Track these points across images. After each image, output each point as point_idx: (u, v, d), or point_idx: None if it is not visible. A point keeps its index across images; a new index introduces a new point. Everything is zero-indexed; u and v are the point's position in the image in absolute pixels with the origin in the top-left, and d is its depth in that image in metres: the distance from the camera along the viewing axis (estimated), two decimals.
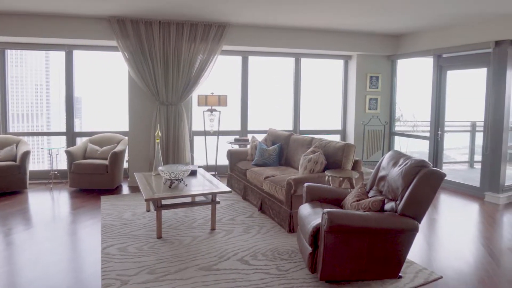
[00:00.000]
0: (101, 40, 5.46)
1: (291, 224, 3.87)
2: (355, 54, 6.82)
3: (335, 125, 7.28)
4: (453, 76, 6.20)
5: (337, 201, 3.41)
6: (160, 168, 4.01)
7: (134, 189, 5.50)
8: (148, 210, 4.49)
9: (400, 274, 2.96)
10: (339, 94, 7.22)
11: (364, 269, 2.82)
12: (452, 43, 5.76)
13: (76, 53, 6.08)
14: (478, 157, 6.25)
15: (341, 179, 4.00)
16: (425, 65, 6.60)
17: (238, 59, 6.58)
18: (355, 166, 4.29)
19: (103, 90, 6.54)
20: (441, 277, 3.00)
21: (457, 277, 3.03)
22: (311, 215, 3.07)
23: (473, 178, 5.83)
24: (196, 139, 6.43)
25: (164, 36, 5.51)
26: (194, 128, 6.39)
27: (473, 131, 7.63)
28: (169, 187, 3.91)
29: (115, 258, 3.23)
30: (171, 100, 5.69)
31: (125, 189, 5.60)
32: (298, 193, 3.84)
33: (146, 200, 3.66)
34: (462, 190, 5.77)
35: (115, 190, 5.49)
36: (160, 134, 4.76)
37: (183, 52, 5.59)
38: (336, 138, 7.24)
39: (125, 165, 5.99)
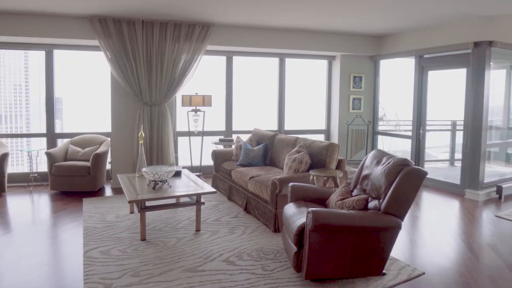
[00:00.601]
0: (83, 39, 5.36)
1: (276, 224, 3.88)
2: (338, 54, 6.89)
3: (320, 125, 7.33)
4: (434, 76, 6.33)
5: (322, 200, 3.44)
6: (143, 169, 3.96)
7: (117, 191, 5.41)
8: (131, 212, 4.42)
9: (384, 271, 3.00)
10: (323, 94, 7.28)
11: (348, 267, 2.85)
12: (433, 44, 5.87)
13: (57, 53, 5.94)
14: (458, 155, 6.38)
15: (325, 178, 4.03)
16: (407, 65, 6.71)
17: (223, 59, 6.56)
18: (339, 165, 4.33)
19: (85, 90, 6.42)
20: (424, 273, 3.06)
21: (438, 272, 3.09)
22: (296, 215, 3.09)
23: (454, 175, 5.96)
24: (181, 139, 6.38)
25: (147, 36, 5.45)
26: (178, 129, 6.34)
27: (453, 130, 7.79)
28: (153, 188, 3.86)
29: (97, 261, 3.17)
30: (155, 101, 5.62)
31: (108, 191, 5.50)
32: (283, 192, 3.85)
33: (129, 202, 3.60)
34: (443, 188, 5.89)
35: (97, 192, 5.39)
36: (143, 135, 4.70)
37: (166, 52, 5.53)
38: (321, 137, 7.29)
39: (108, 166, 5.89)
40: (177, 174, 4.44)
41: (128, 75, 5.46)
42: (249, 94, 7.02)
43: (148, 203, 3.72)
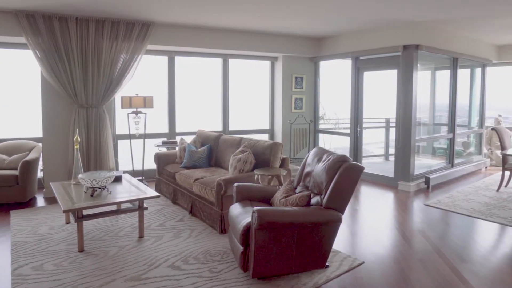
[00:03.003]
0: (7, 36, 4.89)
1: (222, 225, 3.86)
2: (280, 55, 7.04)
3: (264, 125, 7.44)
4: (369, 77, 6.72)
5: (267, 199, 3.49)
6: (80, 176, 3.73)
7: (51, 200, 5.04)
8: (67, 222, 4.14)
9: (327, 264, 3.12)
10: (267, 94, 7.40)
11: (293, 262, 2.92)
12: (367, 47, 6.24)
13: None
14: (392, 150, 6.85)
15: (270, 177, 4.10)
16: (344, 66, 7.06)
17: (164, 59, 6.39)
18: (283, 163, 4.43)
19: (11, 92, 5.88)
20: (363, 262, 3.23)
21: (376, 260, 3.29)
22: (241, 215, 3.10)
23: (388, 169, 6.38)
24: (121, 143, 6.09)
25: (82, 34, 5.12)
26: (118, 132, 6.05)
27: (387, 127, 8.37)
28: (91, 195, 3.65)
29: (29, 278, 2.92)
30: (92, 103, 5.32)
31: (40, 201, 5.10)
32: (229, 193, 3.85)
33: (64, 211, 3.36)
34: (379, 181, 6.29)
35: (28, 203, 4.96)
36: (79, 139, 4.42)
37: (103, 51, 5.26)
38: (265, 137, 7.40)
39: (40, 174, 5.46)
40: (118, 179, 4.24)
41: (61, 75, 5.09)
42: (193, 95, 6.92)
43: (86, 212, 3.51)
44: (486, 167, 7.57)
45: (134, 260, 3.23)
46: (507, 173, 5.81)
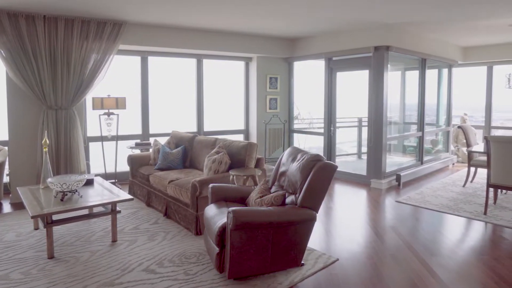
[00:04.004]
0: None
1: (198, 227, 3.84)
2: (255, 56, 7.06)
3: (239, 125, 7.44)
4: (342, 77, 6.86)
5: (242, 199, 3.49)
6: (49, 180, 3.60)
7: (18, 206, 4.84)
8: (36, 228, 3.99)
9: (302, 262, 3.16)
10: (241, 94, 7.40)
11: (269, 262, 2.93)
12: (340, 48, 6.35)
13: None
14: (364, 149, 7.01)
15: (245, 177, 4.11)
16: (318, 67, 7.16)
17: (137, 59, 6.28)
18: (258, 163, 4.44)
19: None
20: (338, 260, 3.30)
21: (350, 257, 3.36)
22: (217, 215, 3.09)
23: (361, 167, 6.53)
24: (92, 145, 5.93)
25: (50, 33, 4.95)
26: (90, 134, 5.89)
27: (360, 126, 8.56)
28: (61, 200, 3.53)
29: None
30: (61, 104, 5.15)
31: (6, 207, 4.88)
32: (204, 194, 3.82)
33: (32, 217, 3.23)
34: (353, 179, 6.42)
35: None
36: (48, 142, 4.27)
37: (73, 51, 5.10)
38: (240, 137, 7.41)
39: (6, 179, 5.23)
40: (89, 182, 4.13)
41: (28, 76, 4.90)
42: (167, 96, 6.83)
43: (56, 217, 3.39)
44: (453, 164, 7.88)
45: (107, 265, 3.15)
46: (473, 169, 6.08)
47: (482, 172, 6.15)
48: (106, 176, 5.71)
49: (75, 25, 5.05)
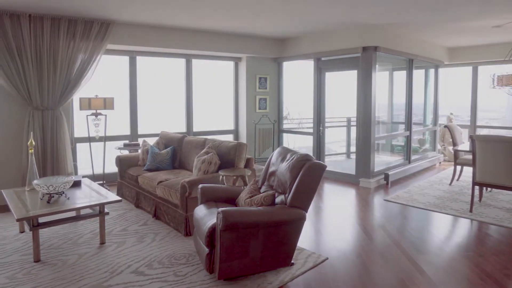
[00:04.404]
0: None
1: (187, 228, 3.82)
2: (244, 56, 7.06)
3: (228, 125, 7.43)
4: (331, 77, 6.90)
5: (232, 200, 3.49)
6: (35, 181, 3.54)
7: (3, 209, 4.74)
8: (22, 231, 3.92)
9: (292, 262, 3.17)
10: (231, 95, 7.39)
11: (259, 262, 2.94)
12: (328, 48, 6.39)
13: None
14: (353, 148, 7.07)
15: (234, 177, 4.10)
16: (307, 67, 7.20)
17: (125, 59, 6.21)
18: (248, 163, 4.44)
19: None
20: (327, 258, 3.32)
21: (340, 256, 3.38)
22: (206, 216, 3.08)
23: (350, 167, 6.58)
24: (80, 146, 5.85)
25: (36, 32, 4.85)
26: (77, 135, 5.81)
27: (348, 126, 8.63)
28: (48, 202, 3.48)
29: None
30: (47, 104, 5.06)
31: None
32: (193, 195, 3.81)
33: (18, 220, 3.18)
34: (342, 179, 6.47)
35: None
36: (34, 143, 4.19)
37: (60, 51, 5.02)
38: (230, 138, 7.39)
39: None
40: (77, 184, 4.08)
41: (13, 75, 4.81)
42: (156, 96, 6.77)
43: (42, 219, 3.34)
44: (440, 163, 8.01)
45: (95, 268, 3.12)
46: (459, 168, 6.18)
47: (468, 171, 6.25)
48: (94, 178, 5.64)
49: (61, 24, 4.98)
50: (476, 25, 5.66)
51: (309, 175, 3.06)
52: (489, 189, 5.57)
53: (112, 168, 5.66)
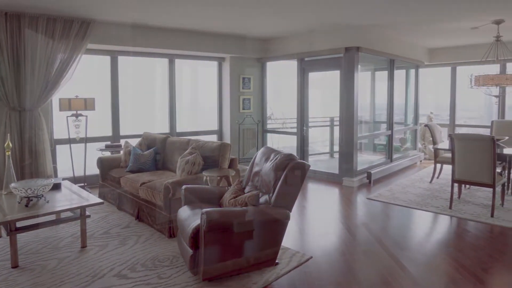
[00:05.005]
0: None
1: (171, 229, 3.78)
2: (228, 56, 7.04)
3: (212, 126, 7.39)
4: (314, 77, 6.95)
5: (216, 200, 3.48)
6: (12, 185, 3.44)
7: None
8: None
9: (277, 261, 3.17)
10: (215, 95, 7.36)
11: (244, 262, 2.93)
12: (312, 48, 6.44)
13: None
14: (337, 147, 7.14)
15: (218, 178, 4.09)
16: (291, 67, 7.23)
17: (107, 59, 6.10)
18: (232, 164, 4.43)
19: None
20: (311, 257, 3.34)
21: (324, 254, 3.41)
22: (190, 217, 3.05)
23: (334, 166, 6.65)
24: (60, 148, 5.72)
25: (13, 31, 4.71)
26: (56, 136, 5.67)
27: (332, 126, 8.70)
28: (26, 205, 3.38)
29: None
30: (25, 105, 4.93)
31: None
32: (177, 196, 3.77)
33: None
34: (325, 178, 6.52)
35: None
36: (11, 145, 4.07)
37: (38, 50, 4.89)
38: (213, 138, 7.36)
39: None
40: (56, 187, 3.98)
41: None
42: (138, 96, 6.67)
43: (20, 224, 3.25)
44: (420, 161, 8.17)
45: (76, 272, 3.05)
46: (439, 166, 6.32)
47: (448, 169, 6.40)
48: (74, 180, 5.52)
49: (40, 23, 4.85)
50: (454, 27, 5.80)
51: (292, 174, 3.08)
52: (467, 186, 5.72)
53: (93, 170, 5.55)
